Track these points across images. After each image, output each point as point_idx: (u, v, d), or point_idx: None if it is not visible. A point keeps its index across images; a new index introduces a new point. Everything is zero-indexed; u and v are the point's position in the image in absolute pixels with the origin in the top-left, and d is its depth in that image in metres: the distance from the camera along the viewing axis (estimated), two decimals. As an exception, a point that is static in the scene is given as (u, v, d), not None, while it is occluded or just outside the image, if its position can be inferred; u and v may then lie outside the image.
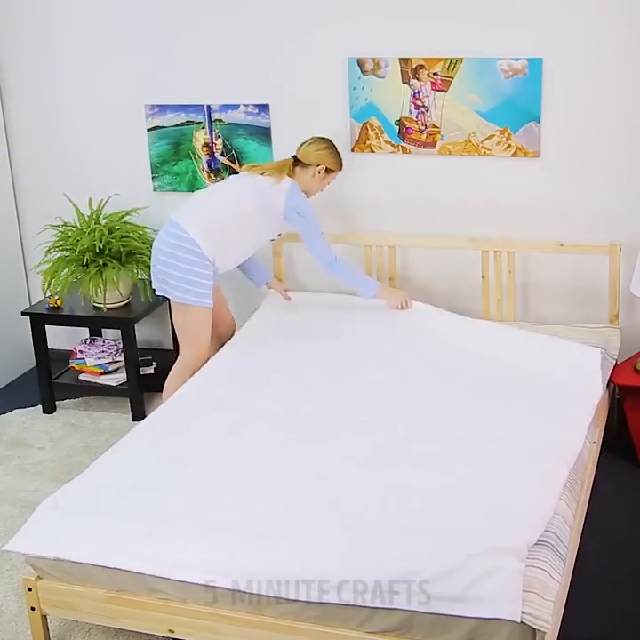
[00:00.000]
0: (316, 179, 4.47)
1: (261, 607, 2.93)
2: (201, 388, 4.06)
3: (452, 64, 4.50)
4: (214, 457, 3.47)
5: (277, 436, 3.60)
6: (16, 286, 5.53)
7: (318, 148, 4.45)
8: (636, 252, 4.51)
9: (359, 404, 3.85)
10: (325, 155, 4.45)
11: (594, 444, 3.86)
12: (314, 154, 4.44)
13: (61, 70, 5.12)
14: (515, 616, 2.68)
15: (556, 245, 4.55)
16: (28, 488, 4.36)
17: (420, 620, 2.78)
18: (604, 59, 4.33)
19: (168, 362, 5.30)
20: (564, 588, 3.10)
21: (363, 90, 4.66)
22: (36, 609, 3.21)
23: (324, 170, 4.45)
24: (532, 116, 4.47)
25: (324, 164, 4.44)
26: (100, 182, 5.24)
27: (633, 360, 4.40)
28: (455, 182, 4.71)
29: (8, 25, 5.11)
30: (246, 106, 4.89)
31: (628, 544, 3.77)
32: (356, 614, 2.84)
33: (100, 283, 4.80)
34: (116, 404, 5.18)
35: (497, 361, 4.15)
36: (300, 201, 4.41)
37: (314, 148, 4.46)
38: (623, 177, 4.48)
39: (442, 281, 4.89)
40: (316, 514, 3.08)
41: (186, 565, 2.96)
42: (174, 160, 5.10)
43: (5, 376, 5.50)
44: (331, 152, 4.46)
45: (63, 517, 3.17)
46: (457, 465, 3.34)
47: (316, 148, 4.46)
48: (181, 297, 4.34)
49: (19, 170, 5.40)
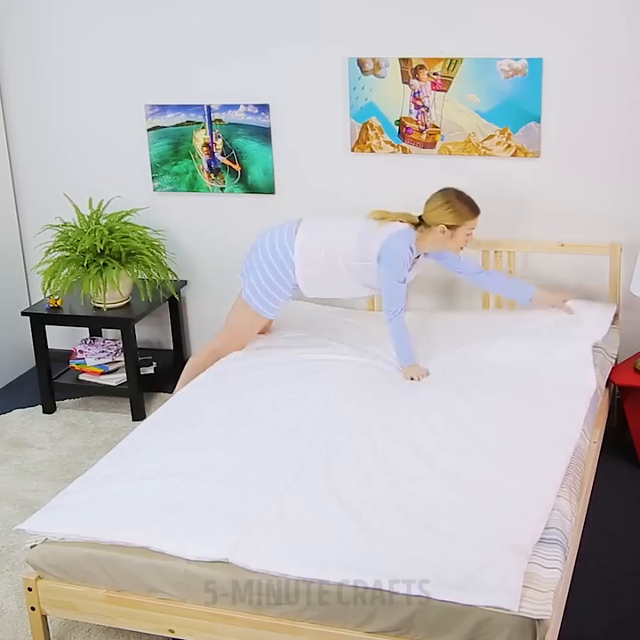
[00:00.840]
0: (446, 237, 4.14)
1: (261, 607, 2.93)
2: (212, 381, 4.15)
3: (452, 64, 4.49)
4: (222, 446, 3.56)
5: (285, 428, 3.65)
6: (16, 286, 5.53)
7: (434, 207, 4.12)
8: (635, 252, 4.51)
9: (361, 396, 3.89)
10: (441, 213, 4.11)
11: (594, 444, 3.87)
12: (430, 214, 4.13)
13: (61, 70, 5.12)
14: (513, 605, 2.68)
15: (556, 245, 4.55)
16: (28, 488, 4.36)
17: (420, 620, 2.78)
18: (604, 59, 4.33)
19: (168, 362, 5.30)
20: (565, 582, 3.10)
21: (363, 90, 4.66)
22: (36, 609, 3.21)
23: (447, 227, 4.11)
24: (532, 116, 4.47)
25: (443, 223, 4.11)
26: (99, 182, 5.24)
27: (633, 360, 4.40)
28: (455, 182, 4.70)
29: (8, 25, 5.11)
30: (246, 106, 4.89)
31: (628, 544, 3.77)
32: (356, 614, 2.84)
33: (100, 283, 4.80)
34: (116, 404, 5.18)
35: (487, 355, 4.22)
36: (394, 247, 4.10)
37: (430, 206, 4.14)
38: (623, 177, 4.48)
39: (442, 281, 4.89)
40: (316, 513, 3.10)
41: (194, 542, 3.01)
42: (174, 160, 5.09)
43: (5, 376, 5.50)
44: (447, 207, 4.10)
45: (73, 505, 3.25)
46: (456, 458, 3.38)
47: (432, 206, 4.14)
48: (249, 297, 4.34)
49: (19, 170, 5.40)
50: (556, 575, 2.83)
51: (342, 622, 2.86)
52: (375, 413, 3.76)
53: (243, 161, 4.98)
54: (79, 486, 3.39)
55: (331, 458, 3.44)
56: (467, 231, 4.15)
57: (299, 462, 3.42)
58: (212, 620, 3.00)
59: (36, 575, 3.18)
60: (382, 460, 3.42)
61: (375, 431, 3.62)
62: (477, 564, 2.81)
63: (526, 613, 2.68)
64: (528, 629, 2.69)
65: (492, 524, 2.98)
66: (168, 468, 3.43)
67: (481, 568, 2.79)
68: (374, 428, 3.64)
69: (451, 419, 3.68)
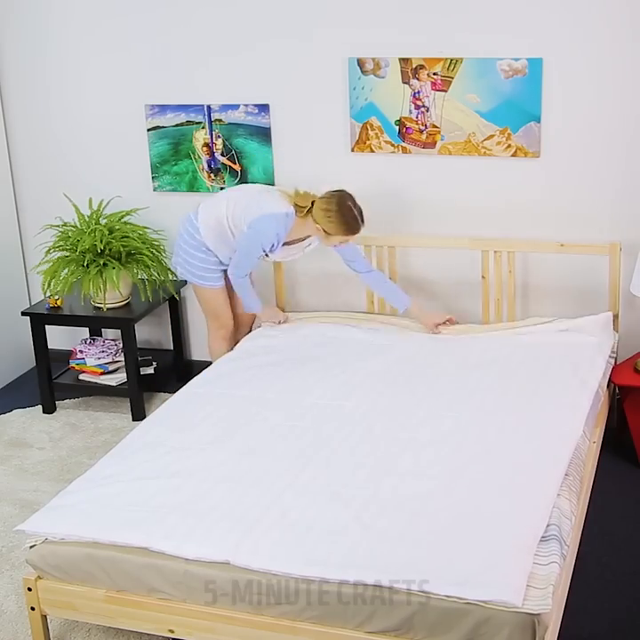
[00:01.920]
0: (321, 234, 4.29)
1: (261, 607, 2.93)
2: (211, 381, 4.16)
3: (452, 64, 4.49)
4: (222, 446, 3.56)
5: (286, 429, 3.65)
6: (16, 286, 5.53)
7: (320, 207, 4.22)
8: (636, 252, 4.51)
9: (363, 398, 3.89)
10: (321, 216, 4.21)
11: (594, 444, 3.87)
12: (315, 210, 4.23)
13: (61, 70, 5.12)
14: (517, 600, 2.67)
15: (556, 245, 4.55)
16: (28, 488, 4.36)
17: (419, 620, 2.78)
18: (604, 59, 4.33)
19: (168, 362, 5.30)
20: (565, 582, 3.10)
21: (363, 90, 4.66)
22: (35, 609, 3.21)
23: (323, 231, 4.25)
24: (532, 116, 4.47)
25: (321, 225, 4.23)
26: (99, 182, 5.24)
27: (633, 360, 4.40)
28: (455, 182, 4.71)
29: (8, 25, 5.11)
30: (246, 106, 4.89)
31: (628, 544, 3.77)
32: (356, 614, 2.84)
33: (100, 283, 4.80)
34: (116, 404, 5.18)
35: (488, 357, 4.24)
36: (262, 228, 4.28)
37: (318, 204, 4.24)
38: (623, 177, 4.48)
39: (442, 281, 4.89)
40: (317, 513, 3.10)
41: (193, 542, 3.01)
42: (174, 160, 5.09)
43: (5, 376, 5.50)
44: (328, 215, 4.19)
45: (73, 505, 3.25)
46: (457, 458, 3.38)
47: (319, 205, 4.23)
48: (189, 277, 4.69)
49: (19, 170, 5.40)
50: (554, 569, 2.83)
51: (342, 622, 2.86)
52: (376, 412, 3.77)
53: (243, 161, 4.98)
54: (79, 486, 3.39)
55: (331, 457, 3.44)
56: (341, 240, 4.29)
57: (299, 462, 3.42)
58: (212, 620, 3.00)
59: (35, 575, 3.18)
60: (383, 459, 3.42)
61: (376, 430, 3.63)
62: (480, 563, 2.81)
63: (527, 609, 2.69)
64: (528, 628, 2.69)
65: (493, 524, 2.99)
66: (168, 468, 3.43)
67: (483, 566, 2.79)
68: (375, 427, 3.65)
69: (451, 418, 3.68)
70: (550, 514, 3.06)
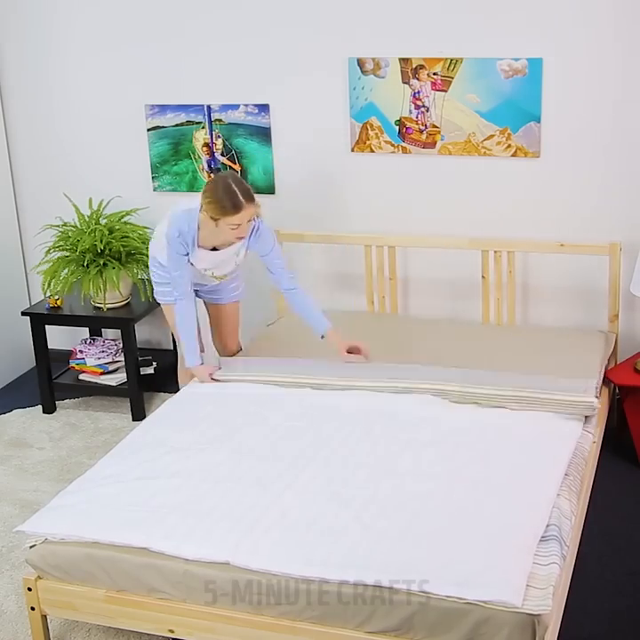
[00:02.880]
0: (212, 225, 3.90)
1: (261, 607, 2.93)
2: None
3: (452, 64, 4.49)
4: (222, 446, 3.57)
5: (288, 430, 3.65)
6: (16, 286, 5.53)
7: (202, 191, 3.92)
8: (636, 252, 4.51)
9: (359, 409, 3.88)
10: (202, 200, 3.89)
11: (594, 444, 3.87)
12: (202, 197, 3.90)
13: (61, 70, 5.12)
14: (517, 600, 2.67)
15: (556, 245, 4.55)
16: (28, 488, 4.36)
17: (419, 620, 2.78)
18: (604, 59, 4.33)
19: (168, 362, 5.30)
20: (565, 581, 3.10)
21: (363, 90, 4.66)
22: (35, 609, 3.21)
23: (211, 218, 3.87)
24: (532, 116, 4.47)
25: (205, 211, 3.89)
26: (100, 182, 5.24)
27: (633, 360, 4.40)
28: (455, 182, 4.71)
29: (9, 25, 5.11)
30: (246, 106, 4.89)
31: (628, 544, 3.77)
32: (356, 614, 2.84)
33: (100, 283, 4.80)
34: (116, 404, 5.18)
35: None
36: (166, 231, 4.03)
37: (203, 188, 3.94)
38: (623, 177, 4.48)
39: (442, 281, 4.89)
40: (317, 513, 3.11)
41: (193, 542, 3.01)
42: (174, 160, 5.09)
43: (5, 376, 5.50)
44: (206, 197, 3.86)
45: (73, 505, 3.25)
46: (457, 458, 3.38)
47: (204, 188, 3.94)
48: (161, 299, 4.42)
49: (19, 170, 5.40)
50: (554, 570, 2.83)
51: (342, 622, 2.86)
52: (376, 412, 3.77)
53: (243, 161, 4.98)
54: (79, 486, 3.39)
55: (331, 457, 3.44)
56: (229, 225, 3.86)
57: (299, 462, 3.42)
58: (212, 620, 3.00)
59: (35, 575, 3.19)
60: (383, 459, 3.42)
61: (376, 430, 3.63)
62: (480, 563, 2.81)
63: (527, 609, 2.68)
64: (528, 628, 2.68)
65: (493, 524, 2.99)
66: (168, 468, 3.43)
67: (483, 567, 2.79)
68: (375, 427, 3.65)
69: (452, 418, 3.68)
70: (550, 514, 3.07)
